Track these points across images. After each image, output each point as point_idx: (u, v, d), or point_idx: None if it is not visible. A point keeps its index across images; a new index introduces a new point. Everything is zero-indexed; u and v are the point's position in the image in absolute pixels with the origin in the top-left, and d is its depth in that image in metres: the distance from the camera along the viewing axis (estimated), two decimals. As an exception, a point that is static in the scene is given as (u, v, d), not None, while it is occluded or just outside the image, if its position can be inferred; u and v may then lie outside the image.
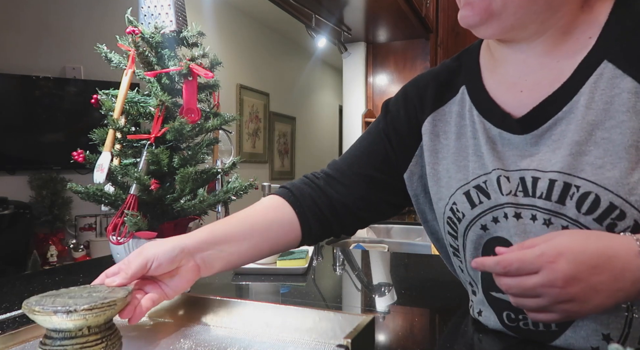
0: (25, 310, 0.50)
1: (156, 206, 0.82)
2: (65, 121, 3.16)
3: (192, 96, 0.83)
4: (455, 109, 0.68)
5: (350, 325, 0.56)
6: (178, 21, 0.87)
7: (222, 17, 3.99)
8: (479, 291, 0.64)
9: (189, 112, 0.82)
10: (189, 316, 0.68)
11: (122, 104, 0.81)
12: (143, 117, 0.85)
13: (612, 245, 0.44)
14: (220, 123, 0.89)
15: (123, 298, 0.53)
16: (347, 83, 4.16)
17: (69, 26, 3.23)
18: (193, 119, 0.82)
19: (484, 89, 0.65)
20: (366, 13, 3.22)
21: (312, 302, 0.87)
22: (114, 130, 0.80)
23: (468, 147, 0.64)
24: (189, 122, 0.81)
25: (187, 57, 0.85)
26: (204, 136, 0.89)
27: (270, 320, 0.63)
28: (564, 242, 0.45)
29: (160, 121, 0.80)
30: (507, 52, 0.62)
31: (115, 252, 0.80)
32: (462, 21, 0.59)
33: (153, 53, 0.87)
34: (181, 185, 0.79)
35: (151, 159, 0.78)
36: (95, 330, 0.51)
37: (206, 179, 0.88)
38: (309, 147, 5.90)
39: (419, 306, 0.87)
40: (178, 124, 0.79)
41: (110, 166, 0.78)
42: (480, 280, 0.63)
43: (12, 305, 0.80)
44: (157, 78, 0.85)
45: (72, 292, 0.55)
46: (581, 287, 0.43)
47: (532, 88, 0.59)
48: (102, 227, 3.29)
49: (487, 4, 0.56)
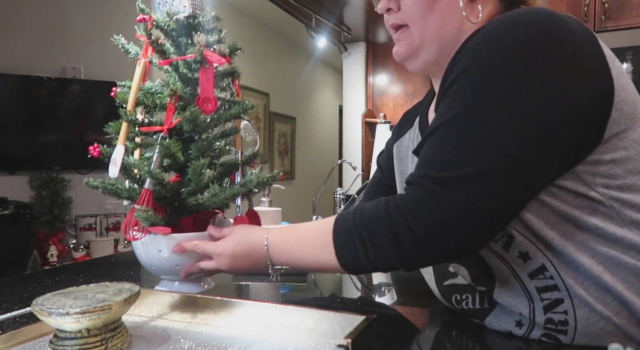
0: (32, 308, 0.51)
1: (174, 200, 0.79)
2: (66, 121, 3.16)
3: (209, 84, 0.78)
4: (411, 137, 0.83)
5: (350, 325, 0.56)
6: (194, 5, 0.82)
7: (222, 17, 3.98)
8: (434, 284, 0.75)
9: (205, 101, 0.77)
10: (189, 316, 0.68)
11: (136, 95, 0.77)
12: (160, 109, 0.80)
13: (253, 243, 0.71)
14: (238, 112, 0.84)
15: (121, 302, 0.53)
16: (347, 83, 4.15)
17: (69, 26, 3.23)
18: (209, 108, 0.77)
19: (427, 119, 0.77)
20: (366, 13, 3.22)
21: (312, 302, 0.87)
22: (127, 123, 0.77)
23: None
24: (204, 112, 0.76)
25: (201, 44, 0.81)
26: (222, 126, 0.84)
27: (270, 320, 0.63)
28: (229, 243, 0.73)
29: (172, 111, 0.76)
30: (435, 86, 0.75)
31: (135, 247, 0.79)
32: (396, 56, 0.73)
33: (169, 41, 0.83)
34: (194, 178, 0.75)
35: (164, 152, 0.75)
36: (95, 332, 0.52)
37: (224, 172, 0.84)
38: (309, 147, 5.90)
39: (419, 306, 0.87)
40: (189, 113, 0.75)
41: (124, 160, 0.75)
42: (433, 275, 0.74)
43: (12, 305, 0.80)
44: (174, 67, 0.81)
45: (81, 292, 0.55)
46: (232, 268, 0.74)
47: None
48: (102, 227, 3.29)
49: (410, 41, 0.70)
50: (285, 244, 0.69)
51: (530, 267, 0.59)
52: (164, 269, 0.79)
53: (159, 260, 0.77)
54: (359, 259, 0.60)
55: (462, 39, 0.63)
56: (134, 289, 0.58)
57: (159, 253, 0.76)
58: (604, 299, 0.57)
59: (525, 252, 0.59)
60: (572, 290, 0.57)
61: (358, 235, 0.59)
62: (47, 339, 0.60)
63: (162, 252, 0.76)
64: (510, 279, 0.61)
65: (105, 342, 0.52)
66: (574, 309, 0.58)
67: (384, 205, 0.58)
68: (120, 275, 1.10)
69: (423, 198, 0.55)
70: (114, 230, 3.29)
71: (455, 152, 0.55)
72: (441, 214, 0.53)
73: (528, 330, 0.62)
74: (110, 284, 0.60)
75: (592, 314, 0.57)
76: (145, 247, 0.77)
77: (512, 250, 0.60)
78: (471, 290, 0.68)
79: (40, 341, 0.61)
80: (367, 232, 0.58)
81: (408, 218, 0.55)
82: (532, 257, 0.59)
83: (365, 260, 0.59)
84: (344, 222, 0.62)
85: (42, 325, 0.61)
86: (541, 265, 0.59)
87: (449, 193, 0.53)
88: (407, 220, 0.55)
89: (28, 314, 0.68)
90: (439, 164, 0.55)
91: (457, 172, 0.53)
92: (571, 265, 0.57)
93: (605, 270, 0.56)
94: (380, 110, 4.01)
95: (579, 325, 0.58)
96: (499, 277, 0.63)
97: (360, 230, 0.59)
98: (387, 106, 4.02)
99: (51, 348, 0.52)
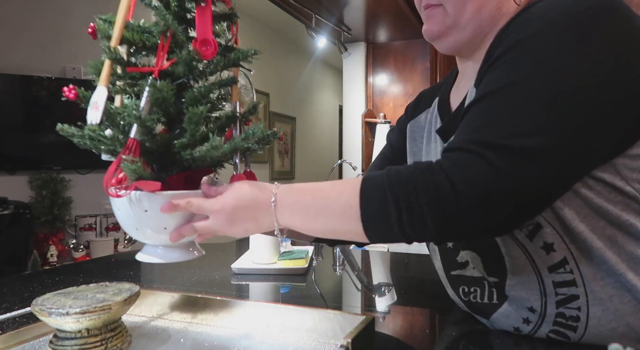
0: (32, 308, 0.51)
1: (163, 155, 0.68)
2: (66, 121, 3.14)
3: (207, 25, 0.69)
4: (427, 118, 0.79)
5: (350, 325, 0.56)
6: None
7: (222, 17, 3.98)
8: (442, 273, 0.73)
9: (204, 43, 0.68)
10: (189, 316, 0.68)
11: (121, 28, 0.66)
12: (149, 50, 0.70)
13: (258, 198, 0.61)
14: (239, 58, 0.74)
15: (121, 302, 0.53)
16: (347, 83, 4.15)
17: (69, 26, 3.23)
18: (208, 51, 0.68)
19: (448, 101, 0.74)
20: (366, 13, 3.22)
21: (312, 302, 0.87)
22: (111, 61, 0.66)
23: (432, 153, 0.74)
24: (202, 57, 0.68)
25: None
26: (219, 74, 0.75)
27: (270, 320, 0.63)
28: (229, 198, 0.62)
29: (165, 51, 0.66)
30: (461, 68, 0.73)
31: (116, 207, 0.67)
32: (425, 34, 0.69)
33: None
34: (190, 128, 0.65)
35: (154, 96, 0.65)
36: (95, 332, 0.52)
37: (221, 125, 0.74)
38: (309, 147, 5.90)
39: (419, 306, 0.87)
40: (186, 53, 0.66)
41: (107, 106, 0.65)
42: (441, 263, 0.72)
43: (12, 305, 0.80)
44: (165, 4, 0.73)
45: (81, 292, 0.55)
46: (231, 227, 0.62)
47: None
48: (102, 227, 3.29)
49: (442, 19, 0.66)
50: (297, 201, 0.60)
51: (552, 260, 0.58)
52: (150, 232, 0.66)
53: (145, 221, 0.65)
54: (388, 223, 0.52)
55: (501, 21, 0.62)
56: (133, 289, 0.58)
57: (145, 213, 0.64)
58: (621, 297, 0.56)
59: (551, 244, 0.58)
60: (589, 286, 0.57)
61: (392, 196, 0.51)
62: (47, 339, 0.60)
63: (148, 211, 0.64)
64: (527, 270, 0.60)
65: (105, 342, 0.52)
66: (588, 306, 0.57)
67: (426, 167, 0.52)
68: (120, 275, 1.10)
69: (474, 164, 0.49)
70: (114, 230, 3.29)
71: (516, 121, 0.50)
72: (496, 182, 0.48)
73: (536, 327, 0.62)
74: (110, 284, 0.60)
75: (605, 313, 0.57)
76: (129, 206, 0.65)
77: (537, 240, 0.59)
78: (480, 283, 0.67)
79: (40, 341, 0.61)
80: (405, 192, 0.51)
81: (456, 183, 0.49)
82: (556, 249, 0.58)
83: (397, 224, 0.51)
84: (375, 180, 0.54)
85: (42, 325, 0.61)
86: (563, 258, 0.58)
87: (505, 162, 0.48)
88: (454, 185, 0.49)
89: (28, 314, 0.68)
90: (496, 132, 0.50)
91: (516, 141, 0.48)
92: (595, 261, 0.56)
93: (629, 269, 0.55)
94: (380, 110, 4.02)
95: (590, 323, 0.57)
96: (513, 268, 0.62)
97: (396, 190, 0.51)
98: (387, 106, 4.03)
99: (51, 348, 0.52)
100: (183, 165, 0.68)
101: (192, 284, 0.99)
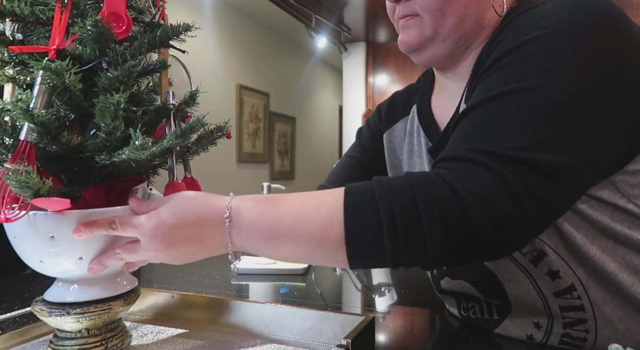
0: (32, 308, 0.51)
1: (74, 162, 0.52)
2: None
3: None
4: (407, 128, 0.74)
5: (350, 325, 0.56)
6: None
7: (222, 17, 3.99)
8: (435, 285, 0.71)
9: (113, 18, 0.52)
10: (190, 316, 0.68)
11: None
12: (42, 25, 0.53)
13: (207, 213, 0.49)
14: (167, 36, 0.57)
15: (120, 302, 0.53)
16: (347, 83, 4.16)
17: (69, 26, 3.23)
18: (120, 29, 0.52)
19: (431, 113, 0.69)
20: (366, 13, 3.22)
21: (312, 303, 0.87)
22: None
23: (416, 166, 0.70)
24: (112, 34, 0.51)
25: None
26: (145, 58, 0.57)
27: (270, 320, 0.63)
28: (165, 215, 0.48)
29: (64, 24, 0.50)
30: (440, 80, 0.69)
31: (11, 234, 0.52)
32: (401, 46, 0.64)
33: None
34: (104, 123, 0.48)
35: (50, 83, 0.47)
36: (95, 332, 0.52)
37: (150, 120, 0.57)
38: (309, 147, 5.90)
39: (419, 306, 0.87)
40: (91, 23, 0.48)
41: None
42: (432, 282, 0.70)
43: (12, 305, 0.80)
44: None
45: None
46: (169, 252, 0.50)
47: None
48: (102, 227, 3.29)
49: (420, 30, 0.61)
50: (259, 218, 0.48)
51: (558, 286, 0.56)
52: (60, 264, 0.51)
53: (52, 250, 0.50)
54: (379, 246, 0.44)
55: (483, 33, 0.60)
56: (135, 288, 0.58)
57: (51, 240, 0.49)
58: (630, 318, 0.55)
59: (556, 271, 0.55)
60: (598, 310, 0.55)
61: (387, 212, 0.43)
62: (47, 339, 0.60)
63: (55, 238, 0.49)
64: (532, 295, 0.58)
65: (105, 342, 0.52)
66: (596, 329, 0.56)
67: (423, 179, 0.45)
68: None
69: (482, 176, 0.43)
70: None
71: (524, 131, 0.45)
72: (507, 199, 0.42)
73: (542, 341, 0.60)
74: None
75: (614, 333, 0.55)
76: (28, 231, 0.50)
77: (541, 267, 0.56)
78: (479, 300, 0.65)
79: (40, 341, 0.61)
80: (401, 208, 0.43)
81: (462, 199, 0.42)
82: (563, 276, 0.55)
83: (389, 247, 0.43)
84: (360, 194, 0.46)
85: (42, 325, 0.62)
86: (570, 284, 0.55)
87: (516, 176, 0.43)
88: (460, 201, 0.42)
89: (28, 314, 0.69)
90: (504, 142, 0.45)
91: (528, 155, 0.43)
92: (604, 283, 0.54)
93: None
94: (380, 110, 4.02)
95: (598, 343, 0.56)
96: (516, 292, 0.59)
97: (391, 206, 0.43)
98: (387, 106, 4.03)
99: (51, 348, 0.52)
100: (101, 173, 0.53)
101: (192, 284, 0.99)
